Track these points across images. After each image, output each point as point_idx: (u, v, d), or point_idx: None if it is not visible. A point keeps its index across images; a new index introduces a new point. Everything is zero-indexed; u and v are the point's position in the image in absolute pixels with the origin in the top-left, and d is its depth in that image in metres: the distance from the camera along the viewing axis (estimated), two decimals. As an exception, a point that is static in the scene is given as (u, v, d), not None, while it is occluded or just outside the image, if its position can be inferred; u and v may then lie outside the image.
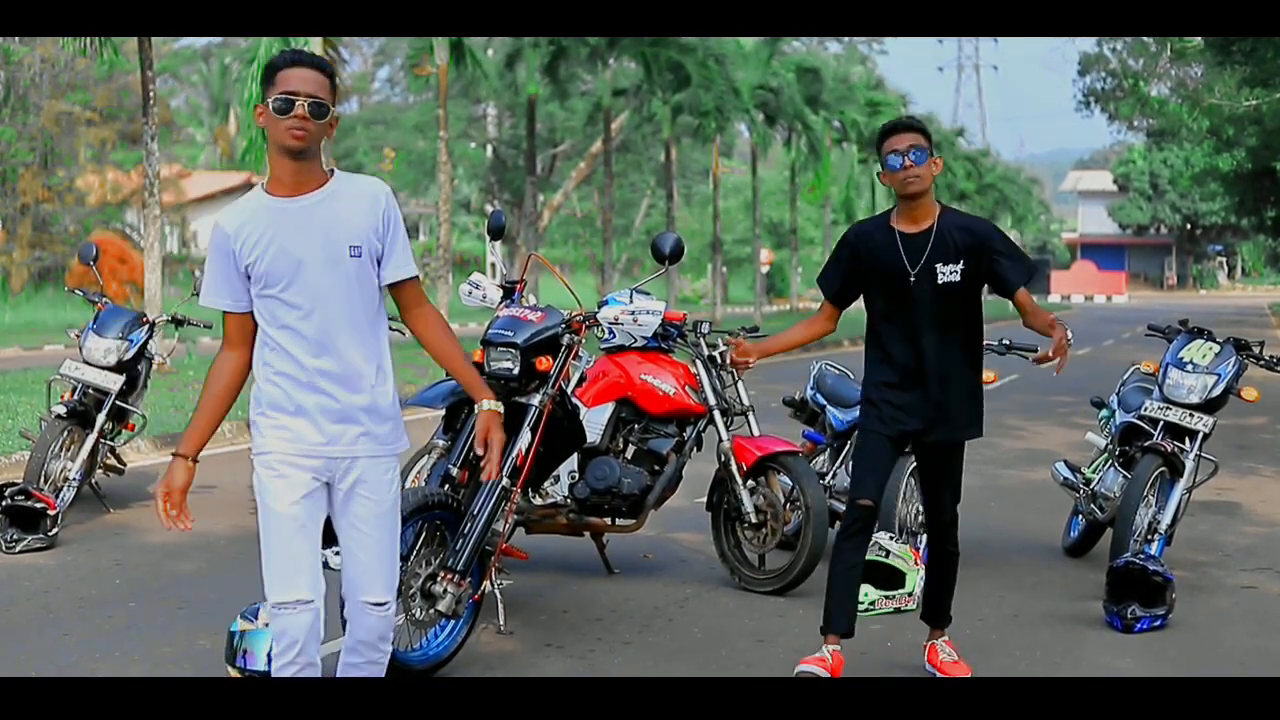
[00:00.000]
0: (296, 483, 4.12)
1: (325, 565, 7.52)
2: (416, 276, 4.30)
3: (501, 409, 4.38)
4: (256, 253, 4.05)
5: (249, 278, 4.08)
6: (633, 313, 6.95)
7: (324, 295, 4.07)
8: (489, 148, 49.18)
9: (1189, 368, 7.44)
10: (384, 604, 4.32)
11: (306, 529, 4.16)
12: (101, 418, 8.43)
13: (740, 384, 7.48)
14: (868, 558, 6.73)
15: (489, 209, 42.33)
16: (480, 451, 4.32)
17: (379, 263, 4.18)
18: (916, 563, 6.82)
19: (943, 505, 5.59)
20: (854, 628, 5.59)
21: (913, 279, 5.33)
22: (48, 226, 35.37)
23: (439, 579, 5.55)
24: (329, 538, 7.61)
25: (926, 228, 5.38)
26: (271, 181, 4.13)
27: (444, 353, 4.43)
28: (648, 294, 7.14)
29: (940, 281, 5.33)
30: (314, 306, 4.07)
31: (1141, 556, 6.60)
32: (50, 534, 7.78)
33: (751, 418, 7.51)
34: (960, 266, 5.33)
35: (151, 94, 17.44)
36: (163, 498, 4.11)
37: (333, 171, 4.19)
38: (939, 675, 5.62)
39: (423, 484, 6.75)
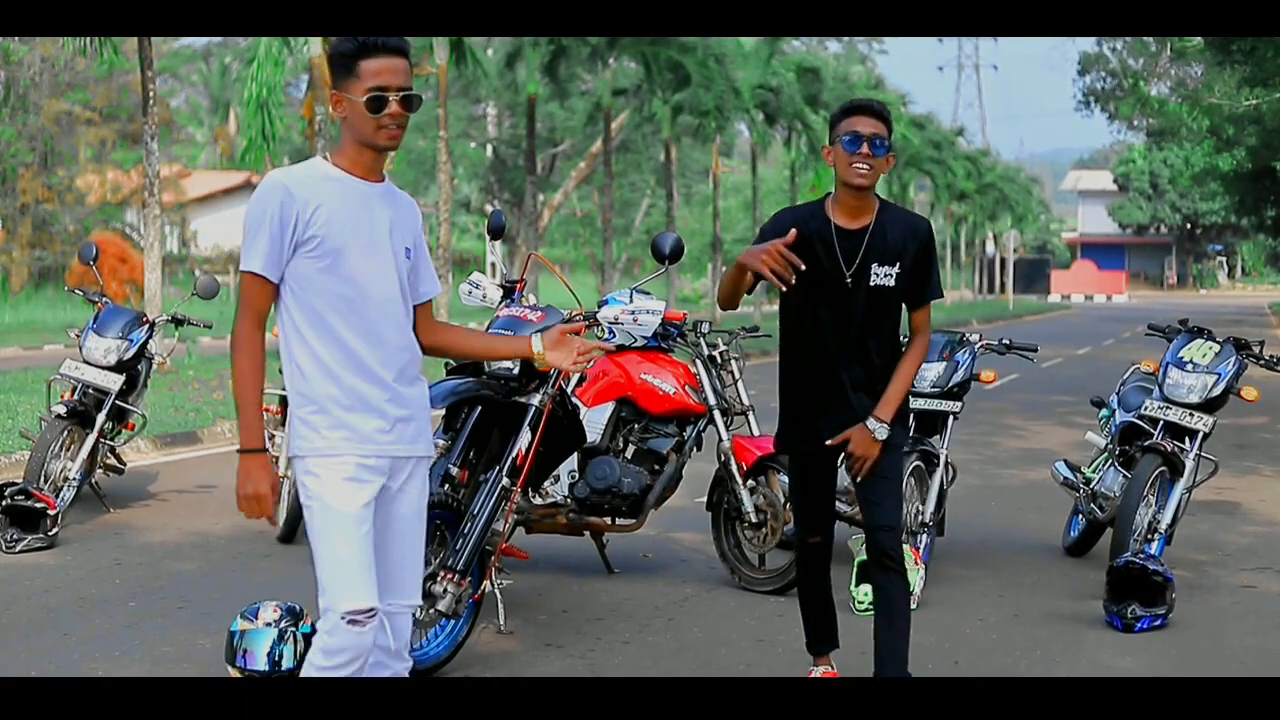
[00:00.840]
0: (364, 484, 3.88)
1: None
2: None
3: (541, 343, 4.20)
4: (320, 221, 3.83)
5: (295, 249, 3.84)
6: (633, 312, 6.95)
7: (378, 283, 3.90)
8: (489, 147, 49.17)
9: (1189, 367, 7.44)
10: (417, 605, 4.21)
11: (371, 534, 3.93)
12: (101, 417, 8.43)
13: (740, 383, 7.48)
14: (867, 558, 6.74)
15: (489, 208, 42.35)
16: (558, 366, 4.21)
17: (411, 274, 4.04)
18: (917, 562, 6.81)
19: (881, 512, 4.99)
20: (838, 638, 5.40)
21: (848, 280, 4.90)
22: (48, 226, 35.37)
23: (439, 578, 5.55)
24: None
25: (864, 224, 4.91)
26: (344, 160, 3.92)
27: (472, 343, 4.48)
28: (648, 294, 7.14)
29: (873, 284, 4.90)
30: (366, 291, 3.89)
31: (1142, 556, 6.61)
32: (50, 534, 7.78)
33: (751, 417, 7.51)
34: (896, 270, 4.91)
35: (151, 93, 17.44)
36: (255, 502, 3.91)
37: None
38: None
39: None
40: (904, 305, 5.02)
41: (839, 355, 4.94)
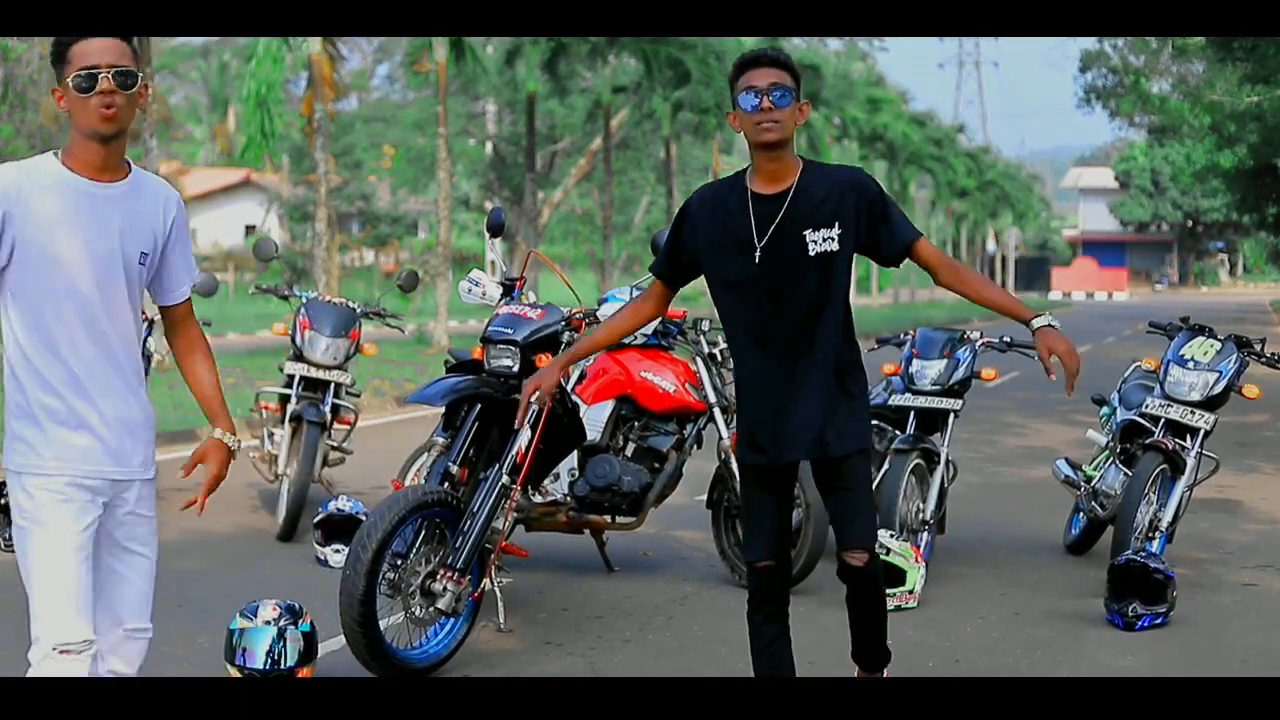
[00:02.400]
0: (81, 505, 3.68)
1: (325, 563, 7.56)
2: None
3: (229, 443, 4.01)
4: (23, 224, 3.61)
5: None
6: (633, 311, 6.93)
7: (93, 290, 3.72)
8: (488, 145, 49.14)
9: (1190, 365, 7.43)
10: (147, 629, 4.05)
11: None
12: (101, 416, 8.41)
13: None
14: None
15: (488, 206, 42.33)
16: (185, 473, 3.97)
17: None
18: (917, 560, 6.81)
19: (854, 531, 4.48)
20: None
21: (759, 250, 4.30)
22: (47, 224, 35.36)
23: (439, 577, 5.54)
24: (331, 535, 7.63)
25: (785, 188, 4.31)
26: (72, 159, 3.68)
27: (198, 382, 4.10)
28: (648, 292, 7.13)
29: (812, 253, 4.29)
30: (77, 300, 3.71)
31: (1143, 554, 6.60)
32: (50, 532, 7.76)
33: (752, 416, 7.51)
34: (836, 231, 4.30)
35: (150, 91, 17.44)
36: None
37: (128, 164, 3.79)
38: None
39: (422, 481, 6.75)
40: (885, 260, 4.43)
41: (779, 343, 4.34)
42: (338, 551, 7.28)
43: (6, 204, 3.58)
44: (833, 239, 4.29)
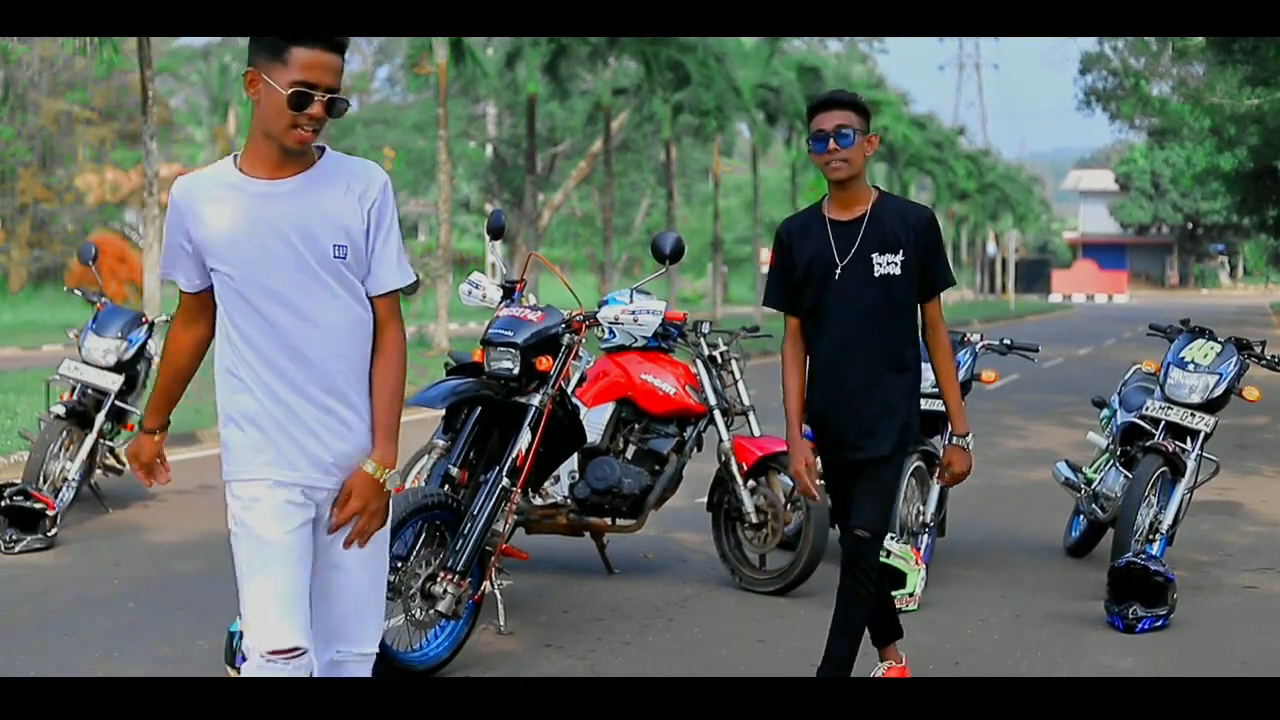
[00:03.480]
0: (293, 511, 3.62)
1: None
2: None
3: (376, 476, 3.65)
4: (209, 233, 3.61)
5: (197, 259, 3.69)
6: (633, 312, 6.93)
7: (289, 296, 3.64)
8: (489, 147, 49.16)
9: (1190, 367, 7.43)
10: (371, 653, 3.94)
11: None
12: (101, 418, 8.42)
13: (740, 384, 7.47)
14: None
15: (489, 208, 42.33)
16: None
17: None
18: (918, 562, 6.81)
19: (861, 514, 4.92)
20: (900, 628, 5.40)
21: (839, 270, 4.85)
22: (46, 226, 35.38)
23: (439, 579, 5.54)
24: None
25: (859, 214, 4.86)
26: (247, 159, 3.60)
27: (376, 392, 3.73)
28: (648, 293, 7.13)
29: (878, 274, 4.83)
30: (280, 305, 3.65)
31: (1143, 556, 6.60)
32: (49, 534, 7.77)
33: (752, 418, 7.51)
34: (899, 258, 4.84)
35: (150, 93, 17.43)
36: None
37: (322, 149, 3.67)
38: None
39: (423, 484, 6.75)
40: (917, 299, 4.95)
41: (849, 352, 4.87)
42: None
43: (184, 220, 3.59)
44: (895, 264, 4.84)
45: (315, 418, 3.61)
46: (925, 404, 7.53)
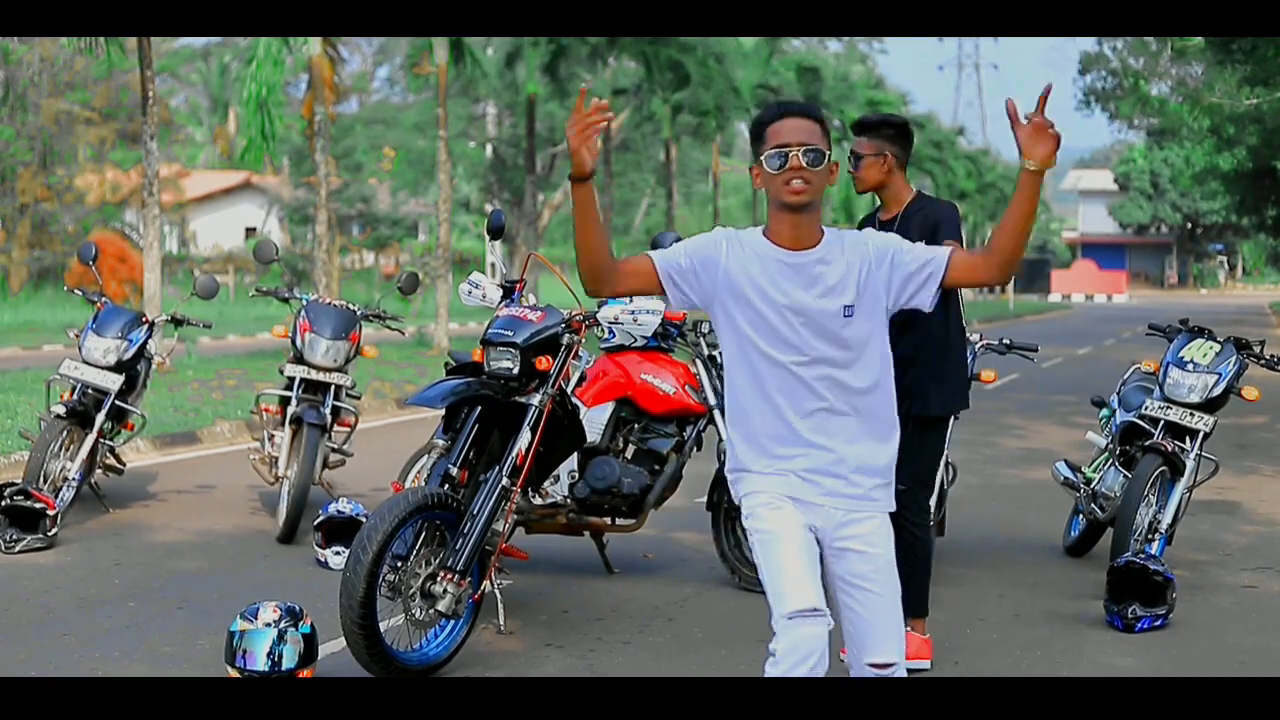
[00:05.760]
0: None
1: (325, 565, 7.56)
2: None
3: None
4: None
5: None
6: (632, 312, 6.94)
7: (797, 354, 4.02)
8: (488, 147, 49.17)
9: (1190, 367, 7.43)
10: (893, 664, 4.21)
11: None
12: (101, 418, 8.42)
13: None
14: None
15: (488, 208, 42.32)
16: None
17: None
18: (917, 562, 6.80)
19: (902, 475, 5.38)
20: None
21: None
22: (47, 226, 35.37)
23: (439, 579, 5.55)
24: (331, 537, 7.62)
25: (894, 215, 5.58)
26: (770, 232, 3.95)
27: None
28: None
29: None
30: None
31: (1142, 556, 6.60)
32: (50, 534, 7.77)
33: (752, 417, 7.50)
34: None
35: (151, 93, 17.44)
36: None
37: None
38: None
39: (422, 484, 6.75)
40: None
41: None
42: (338, 553, 7.28)
43: (719, 253, 3.90)
44: None
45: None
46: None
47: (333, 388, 8.50)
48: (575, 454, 6.81)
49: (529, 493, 6.78)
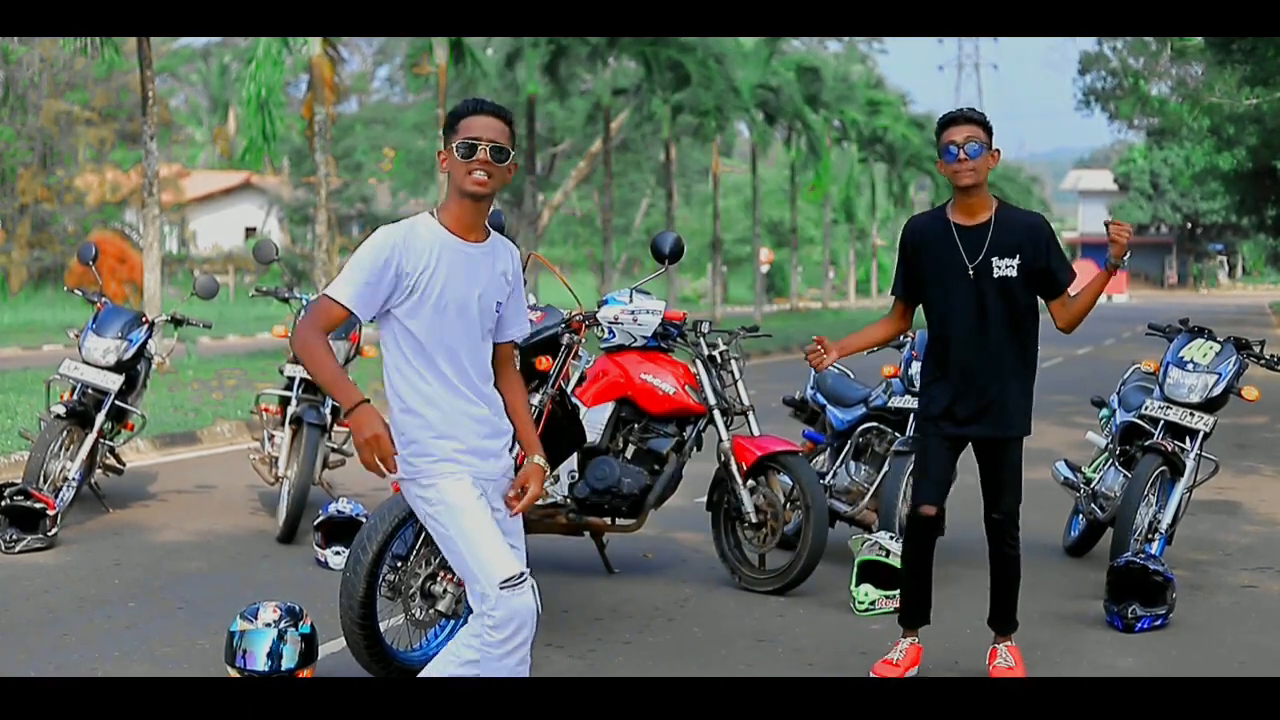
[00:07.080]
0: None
1: (325, 565, 7.56)
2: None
3: (547, 467, 4.51)
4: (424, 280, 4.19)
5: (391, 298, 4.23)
6: (632, 312, 6.94)
7: (461, 337, 4.39)
8: (489, 147, 49.09)
9: (1190, 367, 7.43)
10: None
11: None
12: (101, 418, 8.42)
13: (740, 383, 7.47)
14: (867, 557, 6.75)
15: (489, 208, 42.23)
16: (514, 494, 4.41)
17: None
18: (917, 562, 6.80)
19: (996, 503, 5.55)
20: (930, 614, 5.74)
21: (971, 273, 5.33)
22: (47, 226, 35.38)
23: (439, 579, 5.54)
24: (331, 537, 7.63)
25: (984, 220, 5.37)
26: (448, 217, 4.26)
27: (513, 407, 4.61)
28: (647, 293, 7.14)
29: (996, 275, 5.31)
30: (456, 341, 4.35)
31: (1142, 556, 6.60)
32: (50, 534, 7.77)
33: (751, 417, 7.50)
34: (1016, 261, 5.32)
35: (150, 93, 17.44)
36: (376, 443, 4.06)
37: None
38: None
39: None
40: (1040, 297, 5.44)
41: (972, 342, 5.34)
42: (338, 553, 7.29)
43: (394, 254, 4.15)
44: (1012, 267, 5.32)
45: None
46: (902, 401, 7.56)
47: None
48: (575, 454, 6.81)
49: (529, 493, 6.77)
